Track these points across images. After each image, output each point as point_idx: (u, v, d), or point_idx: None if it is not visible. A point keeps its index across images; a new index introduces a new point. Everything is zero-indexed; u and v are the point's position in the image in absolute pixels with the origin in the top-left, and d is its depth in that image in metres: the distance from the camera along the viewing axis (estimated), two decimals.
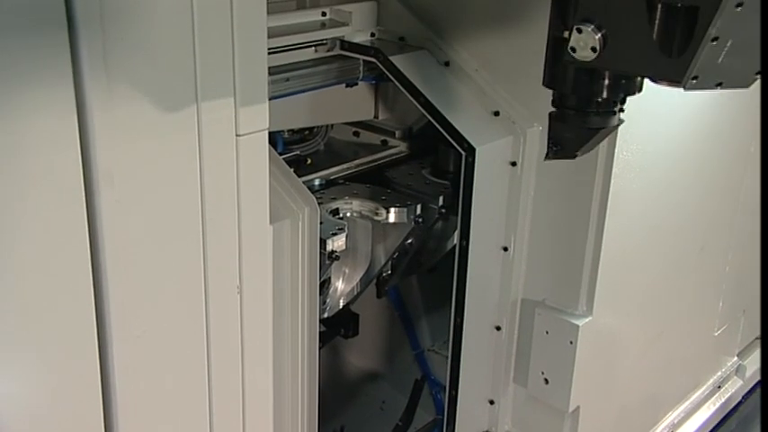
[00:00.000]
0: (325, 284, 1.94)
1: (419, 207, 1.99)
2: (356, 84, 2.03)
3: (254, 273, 1.38)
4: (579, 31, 1.17)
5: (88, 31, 1.06)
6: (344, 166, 2.06)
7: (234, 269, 1.35)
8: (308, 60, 1.88)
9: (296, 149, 2.05)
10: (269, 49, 1.29)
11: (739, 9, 1.02)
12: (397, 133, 2.22)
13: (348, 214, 1.93)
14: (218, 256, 1.31)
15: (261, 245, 1.39)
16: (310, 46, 1.89)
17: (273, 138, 1.91)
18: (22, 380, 1.13)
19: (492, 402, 2.15)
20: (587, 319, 1.98)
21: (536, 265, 2.02)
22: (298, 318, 1.57)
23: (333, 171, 2.03)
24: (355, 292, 2.03)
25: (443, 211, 2.01)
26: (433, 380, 2.53)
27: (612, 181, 1.87)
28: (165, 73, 1.16)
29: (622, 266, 2.05)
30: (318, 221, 1.55)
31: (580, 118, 1.36)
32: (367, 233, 1.96)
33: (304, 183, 1.55)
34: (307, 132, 2.11)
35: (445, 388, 2.10)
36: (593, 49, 1.16)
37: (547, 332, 2.01)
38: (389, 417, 2.61)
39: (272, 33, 1.30)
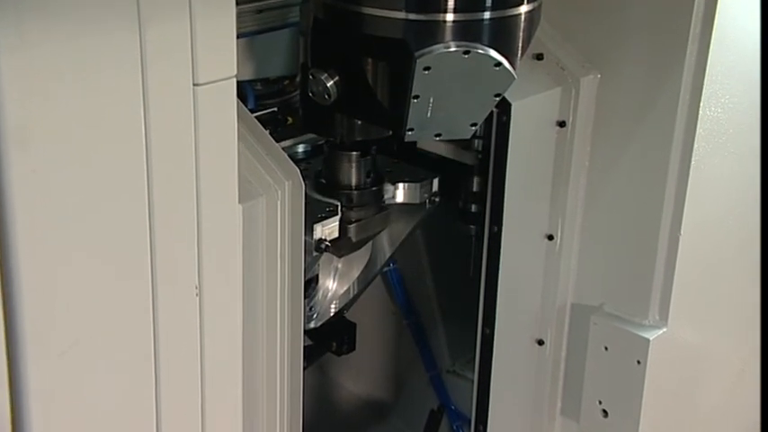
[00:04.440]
0: (311, 284, 1.94)
1: (436, 182, 1.99)
2: None
3: (217, 269, 1.38)
4: (313, 76, 1.64)
5: None
6: None
7: (191, 264, 1.35)
8: None
9: (272, 105, 2.04)
10: None
11: (427, 72, 1.50)
12: None
13: None
14: (169, 247, 1.30)
15: (227, 232, 1.39)
16: None
17: (243, 90, 1.89)
18: None
19: None
20: (660, 332, 1.98)
21: (591, 258, 2.03)
22: (276, 328, 1.56)
23: None
24: (351, 295, 2.04)
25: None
26: (453, 410, 2.55)
27: (696, 146, 1.86)
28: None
29: (708, 261, 2.04)
30: (303, 200, 1.54)
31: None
32: None
33: (284, 149, 1.55)
34: (287, 82, 2.10)
35: (470, 422, 2.11)
36: (328, 95, 1.62)
37: (606, 348, 2.01)
38: None
39: None
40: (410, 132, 1.58)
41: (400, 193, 1.96)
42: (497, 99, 1.60)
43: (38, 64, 1.11)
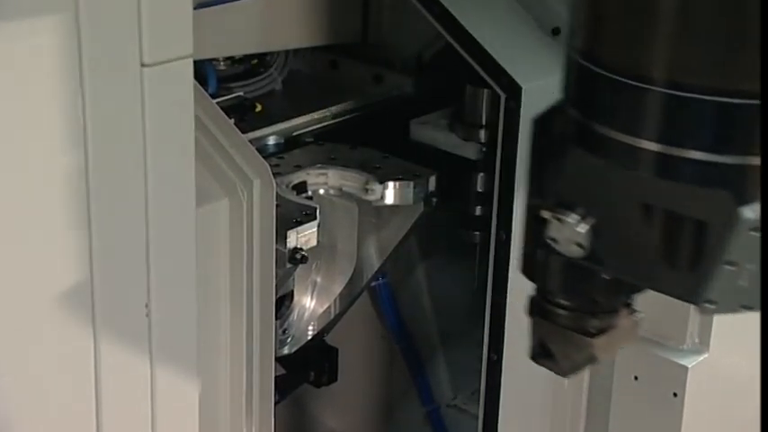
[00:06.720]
0: (285, 302, 1.94)
1: (433, 180, 1.99)
2: None
3: (171, 285, 1.38)
4: (559, 219, 1.32)
5: None
6: (315, 115, 2.07)
7: (140, 279, 1.34)
8: None
9: (238, 89, 2.05)
10: None
11: (754, 233, 1.21)
12: (399, 64, 2.22)
13: (321, 191, 1.94)
14: (113, 260, 1.30)
15: (182, 241, 1.39)
16: None
17: (202, 71, 1.89)
18: None
19: None
20: (700, 358, 1.98)
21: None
22: (241, 355, 1.57)
23: (297, 123, 2.04)
24: (332, 314, 2.04)
25: None
26: None
27: None
28: None
29: None
30: (274, 203, 1.54)
31: (572, 320, 1.48)
32: (352, 221, 1.97)
33: (252, 141, 1.56)
34: (255, 62, 2.10)
35: None
36: (579, 246, 1.27)
37: (636, 378, 2.01)
38: None
39: None
40: (709, 305, 1.33)
41: (390, 194, 1.95)
42: None
43: None
